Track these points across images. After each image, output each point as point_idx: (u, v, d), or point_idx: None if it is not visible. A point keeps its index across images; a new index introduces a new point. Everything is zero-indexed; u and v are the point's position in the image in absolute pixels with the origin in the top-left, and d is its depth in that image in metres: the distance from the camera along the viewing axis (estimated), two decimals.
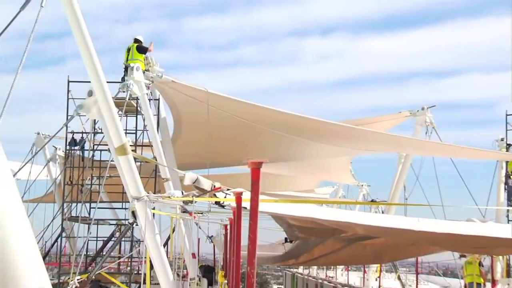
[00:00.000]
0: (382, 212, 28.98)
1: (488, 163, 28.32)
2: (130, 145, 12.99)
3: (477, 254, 23.20)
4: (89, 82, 10.70)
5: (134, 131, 20.57)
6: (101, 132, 16.79)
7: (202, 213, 16.34)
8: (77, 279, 14.63)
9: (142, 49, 17.89)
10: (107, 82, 10.85)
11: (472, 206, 20.58)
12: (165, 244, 18.94)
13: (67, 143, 22.54)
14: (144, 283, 14.30)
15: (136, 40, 18.36)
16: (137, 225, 13.69)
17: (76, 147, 22.91)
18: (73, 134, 22.78)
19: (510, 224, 23.52)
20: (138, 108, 19.03)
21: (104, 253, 21.29)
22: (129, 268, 22.91)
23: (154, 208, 13.00)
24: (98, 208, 20.33)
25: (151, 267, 13.40)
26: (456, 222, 15.55)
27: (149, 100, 18.00)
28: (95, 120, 16.63)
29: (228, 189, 11.45)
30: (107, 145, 13.36)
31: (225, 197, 11.45)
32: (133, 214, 12.87)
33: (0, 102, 7.87)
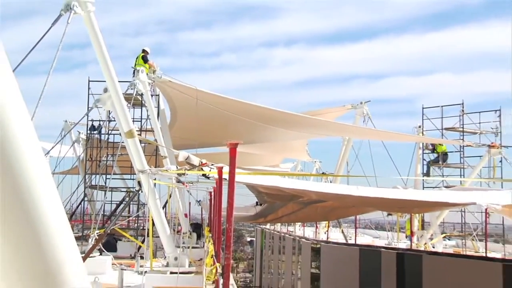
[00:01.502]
0: (330, 182, 29.22)
1: (409, 144, 28.72)
2: (136, 130, 12.93)
3: (400, 212, 23.53)
4: (105, 81, 10.60)
5: (140, 120, 20.51)
6: (114, 120, 16.63)
7: (192, 183, 16.29)
8: (97, 233, 14.57)
9: (145, 59, 18.31)
10: (119, 81, 10.77)
11: (397, 177, 20.78)
12: (164, 206, 18.85)
13: (88, 129, 22.42)
14: (148, 236, 14.32)
15: (143, 50, 18.82)
16: (142, 192, 13.65)
17: (95, 132, 22.80)
18: (92, 122, 22.67)
19: (425, 190, 23.85)
20: (143, 102, 18.89)
21: (117, 213, 21.22)
22: (136, 224, 22.89)
23: (155, 179, 12.95)
24: (112, 178, 20.19)
25: (153, 224, 13.39)
26: (385, 189, 15.71)
27: (151, 95, 17.87)
28: (109, 110, 16.44)
29: (212, 164, 11.45)
30: (119, 130, 13.23)
31: (210, 170, 11.45)
32: (139, 183, 12.83)
33: (35, 97, 7.77)
